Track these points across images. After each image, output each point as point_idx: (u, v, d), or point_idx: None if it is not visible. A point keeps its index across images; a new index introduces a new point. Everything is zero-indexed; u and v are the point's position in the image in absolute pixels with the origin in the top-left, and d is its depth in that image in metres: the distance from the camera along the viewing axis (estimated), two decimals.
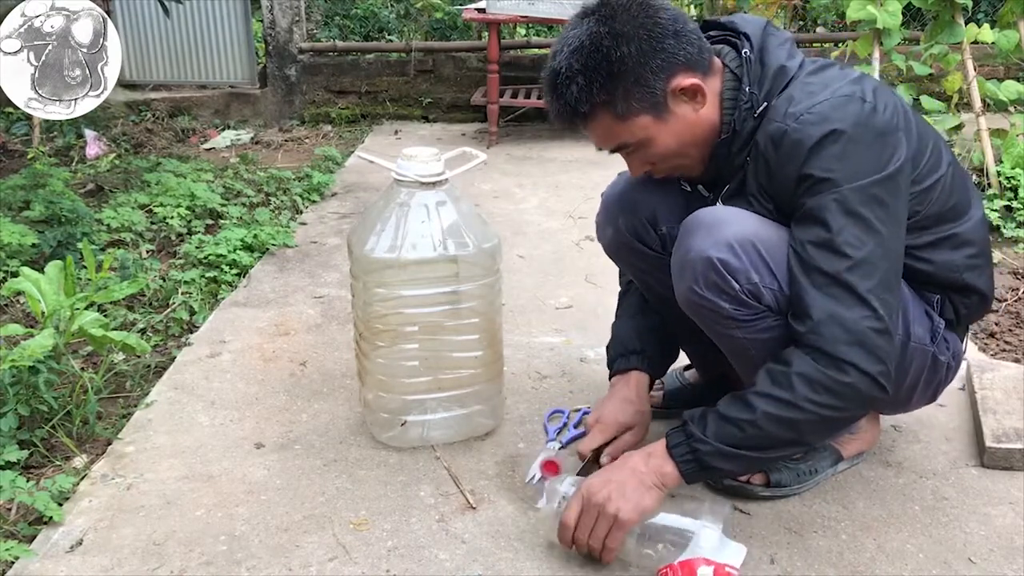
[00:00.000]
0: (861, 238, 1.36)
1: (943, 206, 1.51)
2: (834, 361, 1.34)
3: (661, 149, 1.48)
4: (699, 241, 1.43)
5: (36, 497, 1.58)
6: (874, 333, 1.35)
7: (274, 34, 4.75)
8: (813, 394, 1.34)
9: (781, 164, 1.41)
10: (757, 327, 1.45)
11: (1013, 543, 1.52)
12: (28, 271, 2.02)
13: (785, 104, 1.42)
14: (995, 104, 3.74)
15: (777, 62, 1.46)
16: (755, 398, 1.37)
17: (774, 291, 1.42)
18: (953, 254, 1.53)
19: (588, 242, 2.91)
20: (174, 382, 2.07)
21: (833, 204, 1.36)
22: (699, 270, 1.43)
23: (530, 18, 4.13)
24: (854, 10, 3.45)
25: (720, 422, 1.39)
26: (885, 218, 1.38)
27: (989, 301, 1.63)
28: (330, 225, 3.19)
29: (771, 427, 1.37)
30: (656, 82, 1.42)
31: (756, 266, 1.41)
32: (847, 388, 1.35)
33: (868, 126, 1.38)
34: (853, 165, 1.36)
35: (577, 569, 1.46)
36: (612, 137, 1.48)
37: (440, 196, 1.70)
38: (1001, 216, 3.07)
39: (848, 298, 1.35)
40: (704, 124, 1.47)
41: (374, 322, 1.74)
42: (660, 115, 1.44)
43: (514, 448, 1.79)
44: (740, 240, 1.41)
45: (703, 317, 1.50)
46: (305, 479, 1.71)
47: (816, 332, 1.35)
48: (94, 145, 4.00)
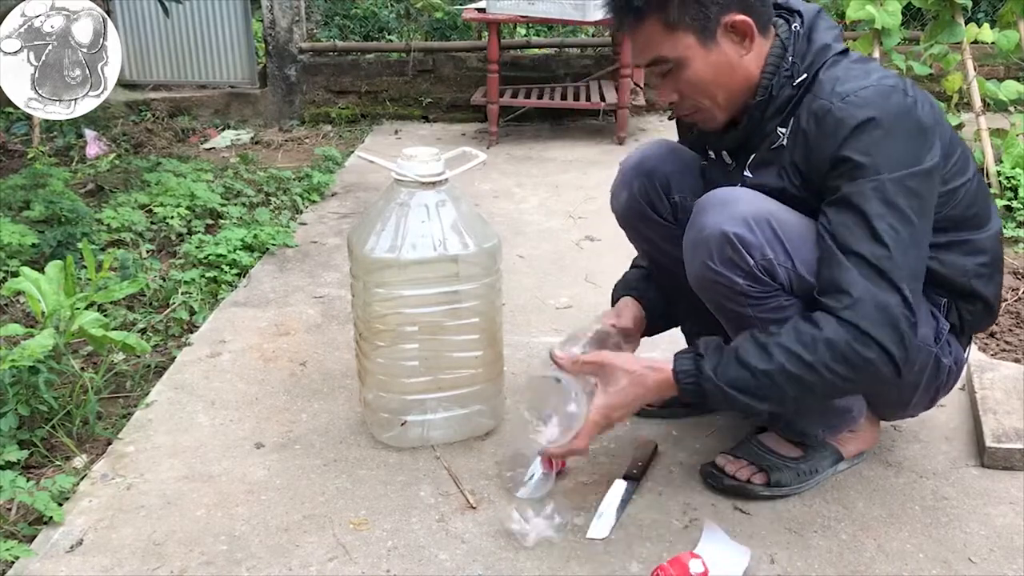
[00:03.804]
0: (897, 228, 1.38)
1: (965, 211, 1.53)
2: (864, 337, 1.36)
3: (695, 76, 1.48)
4: (713, 217, 1.44)
5: (36, 497, 1.58)
6: (904, 318, 1.38)
7: (274, 34, 4.75)
8: (834, 362, 1.37)
9: (819, 141, 1.42)
10: (769, 305, 1.45)
11: (1013, 543, 1.52)
12: (28, 271, 2.02)
13: (832, 83, 1.43)
14: (995, 104, 3.74)
15: (823, 41, 1.49)
16: (777, 350, 1.38)
17: (788, 270, 1.44)
18: (965, 259, 1.55)
19: (588, 242, 2.91)
20: (174, 382, 2.07)
21: (871, 192, 1.38)
22: (714, 245, 1.43)
23: (530, 18, 4.12)
24: (854, 10, 3.45)
25: (734, 364, 1.40)
26: (919, 210, 1.40)
27: (994, 312, 1.64)
28: (330, 225, 3.19)
29: (783, 382, 1.39)
30: (713, 7, 1.43)
31: (771, 243, 1.43)
32: (868, 364, 1.37)
33: (910, 118, 1.40)
34: (893, 154, 1.38)
35: (577, 568, 1.46)
36: (653, 46, 1.47)
37: (440, 196, 1.70)
38: (1001, 216, 3.06)
39: (886, 284, 1.37)
40: (742, 72, 1.48)
41: (374, 322, 1.74)
42: (705, 41, 1.45)
43: (514, 448, 1.79)
44: (756, 217, 1.43)
45: (716, 294, 1.49)
46: (305, 479, 1.71)
47: (855, 308, 1.37)
48: (94, 145, 3.99)
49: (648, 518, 1.58)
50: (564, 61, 4.91)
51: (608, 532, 1.53)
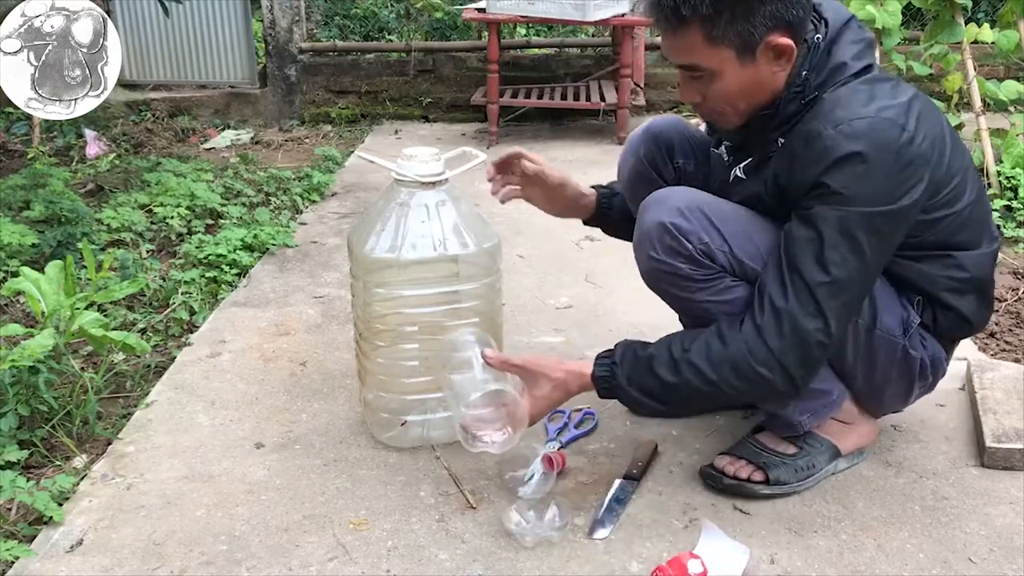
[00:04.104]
0: (847, 259, 1.42)
1: (948, 237, 1.54)
2: (769, 359, 1.44)
3: (725, 88, 1.47)
4: (652, 213, 1.52)
5: (36, 497, 1.58)
6: (817, 344, 1.44)
7: (274, 34, 4.75)
8: (736, 380, 1.46)
9: (804, 163, 1.43)
10: (717, 287, 1.51)
11: (1013, 543, 1.52)
12: (28, 271, 2.02)
13: (831, 106, 1.43)
14: (995, 104, 3.74)
15: (841, 58, 1.47)
16: (685, 366, 1.47)
17: (726, 253, 1.50)
18: (938, 271, 1.57)
19: (588, 242, 2.91)
20: (174, 382, 2.07)
21: (835, 219, 1.41)
22: (655, 236, 1.51)
23: (530, 18, 4.13)
24: (854, 10, 3.45)
25: (647, 375, 1.50)
26: (877, 246, 1.44)
27: (973, 327, 1.65)
28: (330, 225, 3.19)
29: (687, 394, 1.49)
30: (760, 26, 1.41)
31: (706, 229, 1.49)
32: (767, 385, 1.46)
33: (898, 156, 1.40)
34: (868, 190, 1.40)
35: (577, 568, 1.46)
36: (690, 54, 1.46)
37: (440, 196, 1.71)
38: (1001, 216, 3.07)
39: (811, 308, 1.43)
40: (771, 87, 1.48)
41: (374, 322, 1.74)
42: (744, 58, 1.44)
43: (514, 448, 1.79)
44: (688, 206, 1.50)
45: (666, 283, 1.55)
46: (305, 479, 1.71)
47: (772, 323, 1.44)
48: (94, 145, 3.99)
49: (648, 518, 1.58)
50: (564, 61, 4.91)
51: (608, 532, 1.54)
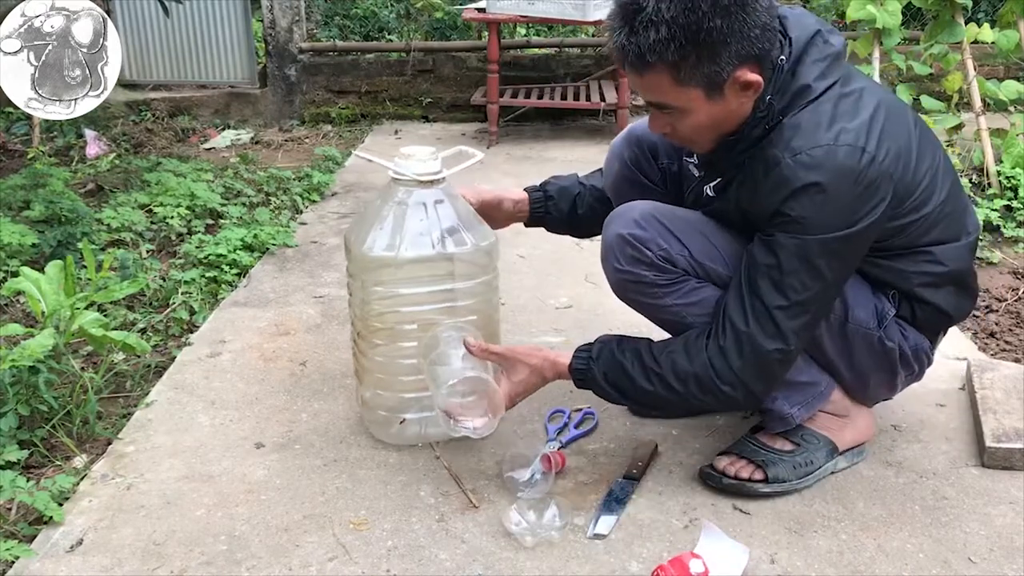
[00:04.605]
0: (806, 284, 1.45)
1: (917, 238, 1.56)
2: (731, 378, 1.50)
3: (694, 123, 1.48)
4: (612, 228, 1.59)
5: (36, 497, 1.58)
6: (777, 362, 1.50)
7: (274, 34, 4.75)
8: (701, 394, 1.53)
9: (764, 192, 1.46)
10: (682, 290, 1.56)
11: (1013, 543, 1.52)
12: (28, 271, 2.02)
13: (792, 132, 1.44)
14: (995, 104, 3.74)
15: (804, 80, 1.46)
16: (655, 378, 1.54)
17: (686, 257, 1.55)
18: (909, 266, 1.58)
19: (588, 242, 2.91)
20: (174, 382, 2.07)
21: (793, 247, 1.44)
22: (616, 248, 1.57)
23: (530, 18, 4.13)
24: (854, 10, 3.45)
25: (621, 376, 1.56)
26: (837, 267, 1.48)
27: (952, 319, 1.67)
28: (330, 225, 3.19)
29: (655, 400, 1.57)
30: (727, 65, 1.40)
31: (663, 236, 1.55)
32: (731, 399, 1.53)
33: (857, 181, 1.42)
34: (826, 217, 1.43)
35: (577, 568, 1.46)
36: (657, 94, 1.46)
37: (438, 194, 1.71)
38: (1001, 216, 3.06)
39: (771, 330, 1.47)
40: (738, 116, 1.48)
41: (372, 320, 1.74)
42: (712, 95, 1.44)
43: (514, 448, 1.79)
44: (644, 216, 1.57)
45: (634, 293, 1.60)
46: (305, 479, 1.71)
47: (733, 344, 1.49)
48: (94, 145, 3.99)
49: (648, 518, 1.58)
50: (564, 61, 4.91)
51: (608, 532, 1.53)
